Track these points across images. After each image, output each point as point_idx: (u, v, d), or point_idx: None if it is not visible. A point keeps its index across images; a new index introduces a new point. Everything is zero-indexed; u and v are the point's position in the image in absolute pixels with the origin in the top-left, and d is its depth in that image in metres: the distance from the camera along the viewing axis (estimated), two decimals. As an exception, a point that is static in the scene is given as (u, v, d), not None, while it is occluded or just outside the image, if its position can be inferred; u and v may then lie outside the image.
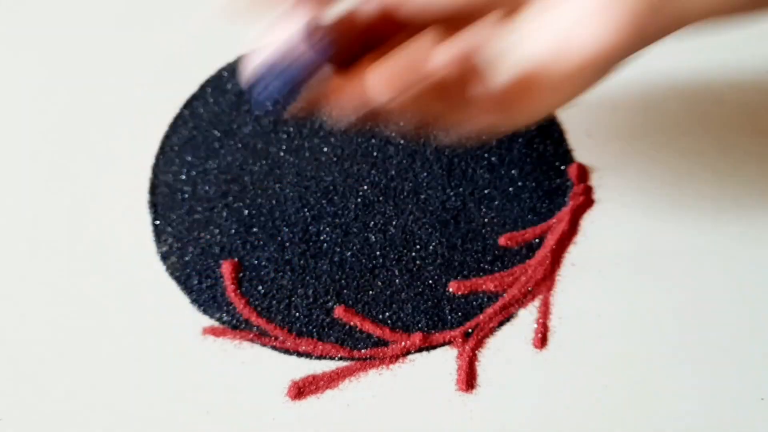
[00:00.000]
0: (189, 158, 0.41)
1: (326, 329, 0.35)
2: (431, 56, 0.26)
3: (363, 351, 0.34)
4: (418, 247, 0.37)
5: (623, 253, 0.37)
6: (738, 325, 0.35)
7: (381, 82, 0.26)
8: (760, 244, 0.37)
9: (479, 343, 0.34)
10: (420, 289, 0.36)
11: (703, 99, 0.42)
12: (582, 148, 0.40)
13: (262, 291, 0.36)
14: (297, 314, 0.36)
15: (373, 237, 0.37)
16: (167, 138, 0.42)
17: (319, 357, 0.34)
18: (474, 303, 0.36)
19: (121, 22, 0.47)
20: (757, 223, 0.38)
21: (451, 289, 0.36)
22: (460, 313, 0.35)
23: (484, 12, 0.29)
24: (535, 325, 0.35)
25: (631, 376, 0.33)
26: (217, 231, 0.38)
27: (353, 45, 0.29)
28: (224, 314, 0.36)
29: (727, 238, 0.37)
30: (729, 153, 0.40)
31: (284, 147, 0.41)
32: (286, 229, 0.38)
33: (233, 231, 0.38)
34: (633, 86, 0.43)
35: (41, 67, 0.45)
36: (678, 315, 0.35)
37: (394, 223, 0.38)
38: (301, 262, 0.37)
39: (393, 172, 0.39)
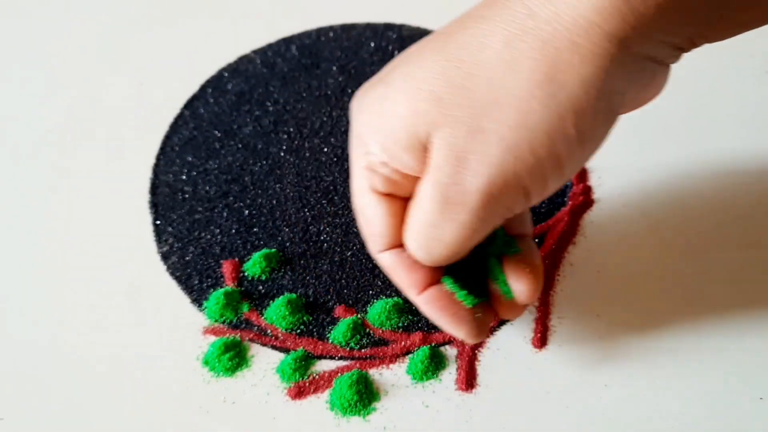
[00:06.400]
0: (190, 158, 0.41)
1: (326, 328, 0.35)
2: None
3: (363, 350, 0.34)
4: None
5: (622, 253, 0.37)
6: (737, 323, 0.35)
7: None
8: (760, 243, 0.37)
9: (479, 343, 0.34)
10: (420, 289, 0.36)
11: (702, 100, 0.42)
12: (581, 148, 0.40)
13: (263, 291, 0.36)
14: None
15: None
16: (168, 138, 0.42)
17: (320, 356, 0.34)
18: (474, 303, 0.36)
19: (122, 23, 0.47)
20: (757, 222, 0.38)
21: (450, 289, 0.36)
22: (459, 313, 0.35)
23: None
24: (535, 325, 0.35)
25: (631, 376, 0.33)
26: (217, 231, 0.38)
27: None
28: (225, 314, 0.36)
29: (727, 237, 0.37)
30: (728, 153, 0.40)
31: (284, 147, 0.41)
32: (287, 229, 0.38)
33: (234, 231, 0.38)
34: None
35: (43, 67, 0.45)
36: (677, 314, 0.35)
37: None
38: (302, 261, 0.37)
39: (393, 172, 0.39)
